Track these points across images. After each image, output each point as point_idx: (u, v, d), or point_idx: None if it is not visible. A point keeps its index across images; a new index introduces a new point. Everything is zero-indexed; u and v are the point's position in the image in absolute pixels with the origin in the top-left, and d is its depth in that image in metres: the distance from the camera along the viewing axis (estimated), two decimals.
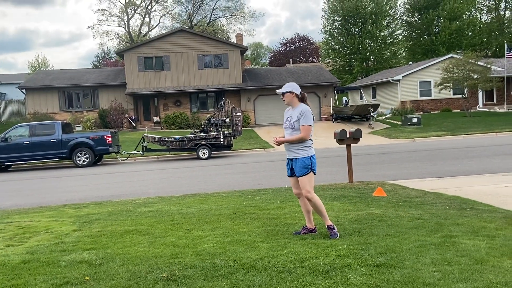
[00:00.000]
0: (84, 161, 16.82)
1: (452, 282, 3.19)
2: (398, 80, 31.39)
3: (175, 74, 29.24)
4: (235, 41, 34.83)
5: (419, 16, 45.70)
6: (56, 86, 28.93)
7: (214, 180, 11.01)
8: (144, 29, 48.82)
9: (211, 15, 47.56)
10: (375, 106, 27.40)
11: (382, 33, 46.32)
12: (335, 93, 31.54)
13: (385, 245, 4.14)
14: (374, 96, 35.77)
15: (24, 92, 29.31)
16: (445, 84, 26.44)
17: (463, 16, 43.70)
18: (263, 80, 30.76)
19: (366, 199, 6.86)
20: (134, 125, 28.81)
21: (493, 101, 32.88)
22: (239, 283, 3.37)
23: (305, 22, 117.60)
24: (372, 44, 46.55)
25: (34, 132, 16.99)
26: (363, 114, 27.33)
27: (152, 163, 17.20)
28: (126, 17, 46.05)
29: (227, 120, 19.11)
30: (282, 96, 4.76)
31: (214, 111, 25.39)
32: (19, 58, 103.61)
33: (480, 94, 31.75)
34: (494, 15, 47.21)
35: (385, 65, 46.07)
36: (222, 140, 17.55)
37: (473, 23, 44.30)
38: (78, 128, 26.94)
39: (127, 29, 46.61)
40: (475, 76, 25.94)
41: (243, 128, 20.56)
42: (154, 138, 17.75)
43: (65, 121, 18.99)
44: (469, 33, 43.93)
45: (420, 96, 31.77)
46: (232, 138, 17.86)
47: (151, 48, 29.25)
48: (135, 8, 46.24)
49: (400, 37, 48.25)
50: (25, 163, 17.79)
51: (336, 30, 48.14)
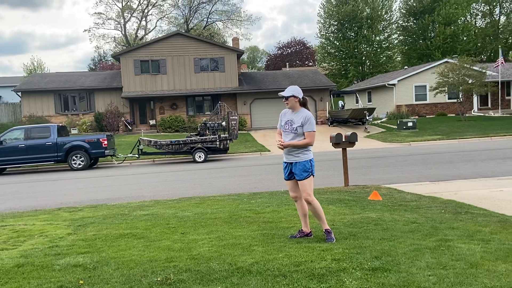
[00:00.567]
0: (79, 164, 16.75)
1: (447, 286, 3.19)
2: (394, 84, 31.54)
3: (171, 77, 29.23)
4: (231, 45, 34.88)
5: (415, 21, 46.00)
6: (52, 89, 28.83)
7: (210, 183, 10.99)
8: (141, 33, 48.83)
9: (207, 19, 47.67)
10: (371, 110, 27.51)
11: (378, 38, 46.59)
12: (331, 97, 31.65)
13: (380, 249, 4.15)
14: (369, 100, 35.91)
15: (20, 95, 29.19)
16: (440, 89, 26.60)
17: (458, 21, 44.02)
18: (259, 84, 30.81)
19: (362, 202, 6.87)
20: (130, 128, 28.74)
21: (488, 105, 33.10)
22: (234, 287, 3.36)
23: (301, 26, 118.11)
24: (368, 49, 46.81)
25: (29, 135, 16.91)
26: (358, 118, 27.43)
27: (148, 166, 17.15)
28: (122, 21, 46.04)
29: (223, 123, 19.12)
30: (285, 100, 4.71)
31: (210, 114, 25.39)
32: (15, 61, 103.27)
33: (475, 99, 31.96)
34: (488, 20, 47.58)
35: (380, 69, 46.31)
36: (218, 143, 17.54)
37: (468, 28, 44.64)
38: (74, 131, 26.84)
39: (123, 32, 46.57)
40: (470, 81, 26.12)
41: (239, 132, 20.58)
42: (150, 141, 17.71)
43: (60, 124, 18.92)
44: (464, 38, 44.24)
45: (415, 100, 31.93)
46: (228, 141, 17.85)
47: (147, 51, 29.24)
48: (132, 11, 46.24)
49: (396, 42, 48.54)
50: (20, 166, 17.69)
51: (332, 35, 48.39)
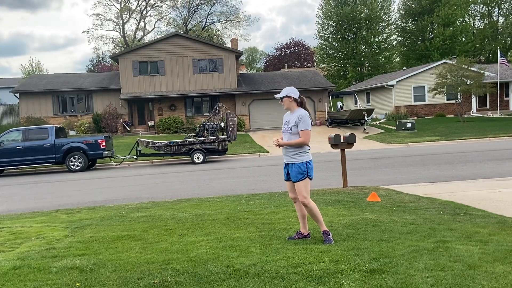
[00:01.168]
0: (77, 165, 16.71)
1: None
2: (392, 85, 31.57)
3: (170, 78, 29.21)
4: (230, 46, 34.88)
5: (413, 22, 46.08)
6: (50, 90, 28.78)
7: (208, 184, 10.97)
8: (139, 34, 48.84)
9: (206, 20, 47.67)
10: (370, 111, 27.51)
11: (377, 39, 46.65)
12: (329, 98, 31.66)
13: (378, 251, 4.13)
14: (368, 101, 35.94)
15: (18, 96, 29.13)
16: (439, 89, 26.62)
17: (457, 22, 44.11)
18: (258, 85, 30.81)
19: (360, 204, 6.86)
20: (129, 129, 28.71)
21: (486, 106, 33.14)
22: None
23: (300, 27, 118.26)
24: (367, 50, 46.87)
25: (27, 136, 16.87)
26: (357, 119, 27.43)
27: (146, 168, 17.12)
28: (121, 22, 46.03)
29: (222, 124, 19.10)
30: (280, 101, 4.76)
31: (209, 115, 25.39)
32: (13, 62, 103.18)
33: (474, 100, 32.00)
34: (487, 21, 47.70)
35: (379, 70, 46.37)
36: (216, 144, 17.51)
37: (466, 29, 44.73)
38: (72, 133, 26.79)
39: (122, 33, 46.58)
40: (468, 82, 26.15)
41: (237, 133, 20.56)
42: (149, 142, 17.68)
43: (58, 126, 18.87)
44: (463, 39, 44.33)
45: (414, 101, 31.95)
46: (227, 142, 17.83)
47: (146, 52, 29.22)
48: (130, 12, 46.24)
49: (394, 43, 48.61)
50: (18, 168, 17.64)
51: (330, 35, 48.44)
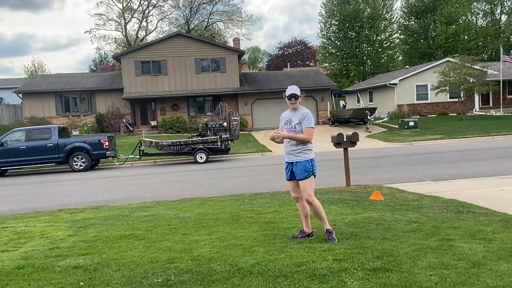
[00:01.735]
0: (80, 165, 16.76)
1: (449, 286, 3.17)
2: (395, 84, 31.48)
3: (172, 78, 29.24)
4: (232, 45, 34.87)
5: (416, 20, 45.94)
6: (53, 90, 28.87)
7: (211, 184, 10.98)
8: (141, 34, 48.88)
9: (208, 19, 47.67)
10: (372, 110, 27.46)
11: (379, 37, 46.52)
12: (332, 97, 31.61)
13: (382, 249, 4.13)
14: (371, 100, 35.86)
15: (21, 96, 29.24)
16: (441, 88, 26.54)
17: (459, 20, 43.94)
18: (260, 84, 30.80)
19: (364, 202, 6.85)
20: (131, 129, 28.76)
21: (489, 104, 33.01)
22: None
23: (302, 26, 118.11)
24: (369, 48, 46.74)
25: (31, 136, 16.92)
26: (360, 118, 27.38)
27: (149, 167, 17.15)
28: (123, 22, 46.06)
29: (225, 124, 19.10)
30: (293, 100, 4.62)
31: (211, 115, 25.39)
32: (16, 62, 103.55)
33: (477, 98, 31.88)
34: (490, 19, 47.50)
35: (382, 69, 46.23)
36: (219, 144, 17.53)
37: (469, 27, 44.56)
38: (75, 133, 26.87)
39: (124, 33, 46.62)
40: (471, 80, 26.05)
41: (240, 132, 20.56)
42: (151, 142, 17.71)
43: (61, 126, 18.93)
44: (465, 37, 44.16)
45: (417, 100, 31.87)
46: (230, 142, 17.84)
47: (148, 52, 29.26)
48: (132, 12, 46.28)
49: (397, 41, 48.46)
50: (21, 168, 17.71)
51: (333, 34, 48.33)
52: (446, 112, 31.05)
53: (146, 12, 46.80)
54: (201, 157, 17.33)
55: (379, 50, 46.92)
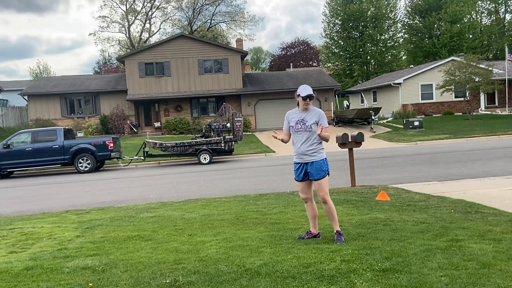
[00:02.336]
0: (86, 167, 16.80)
1: (460, 287, 3.15)
2: (399, 84, 31.38)
3: (175, 79, 29.29)
4: (235, 46, 34.90)
5: (420, 19, 45.79)
6: (57, 92, 28.99)
7: (215, 185, 10.98)
8: (145, 35, 48.99)
9: (211, 21, 47.72)
10: (377, 110, 27.37)
11: (383, 37, 46.40)
12: (336, 97, 31.54)
13: (390, 250, 4.10)
14: (375, 100, 35.76)
15: (26, 98, 29.37)
16: (447, 87, 26.42)
17: (464, 19, 43.77)
18: (263, 85, 30.78)
19: (369, 203, 6.82)
20: (135, 130, 28.83)
21: (495, 103, 32.84)
22: None
23: (305, 26, 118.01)
24: (373, 48, 46.62)
25: (36, 138, 16.99)
26: (364, 118, 27.30)
27: (154, 169, 17.18)
28: (127, 24, 46.22)
29: (228, 125, 19.10)
30: (308, 100, 4.63)
31: (215, 116, 25.41)
32: (21, 65, 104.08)
33: (482, 97, 31.73)
34: (494, 18, 47.28)
35: (386, 69, 46.11)
36: (223, 145, 17.53)
37: (474, 26, 44.36)
38: (80, 134, 26.96)
39: (128, 35, 46.77)
40: (476, 79, 25.92)
41: (244, 133, 20.56)
42: (155, 143, 17.74)
43: (67, 127, 18.99)
44: (470, 36, 43.97)
45: (421, 99, 31.75)
46: (233, 143, 17.83)
47: (151, 53, 29.32)
48: (136, 14, 46.40)
49: (401, 41, 48.31)
50: (27, 170, 17.78)
51: (336, 34, 48.24)
52: (452, 112, 30.90)
53: (149, 14, 46.94)
54: (205, 158, 17.34)
55: (383, 49, 46.80)
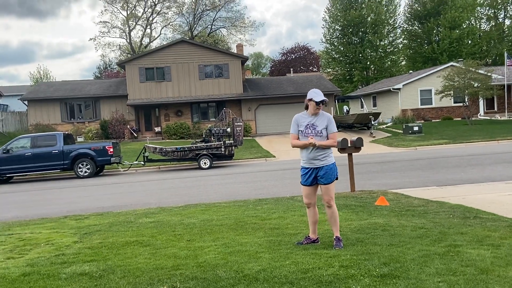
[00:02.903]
0: (85, 172, 16.80)
1: None
2: (399, 89, 31.44)
3: (176, 84, 29.35)
4: (235, 51, 34.99)
5: (419, 25, 45.96)
6: (58, 97, 29.05)
7: (215, 190, 10.97)
8: (146, 40, 49.11)
9: (211, 26, 47.86)
10: (376, 115, 27.39)
11: (382, 42, 46.56)
12: (335, 102, 31.59)
13: (388, 255, 4.10)
14: (375, 105, 35.81)
15: (26, 103, 29.43)
16: (446, 92, 26.47)
17: (463, 25, 43.93)
18: (263, 90, 30.84)
19: (369, 208, 6.82)
20: (136, 135, 28.84)
21: (494, 109, 32.88)
22: None
23: (305, 32, 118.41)
24: (373, 53, 46.76)
25: (36, 143, 17.00)
26: (364, 123, 27.33)
27: (154, 173, 17.17)
28: (127, 29, 46.34)
29: (228, 129, 19.12)
30: (320, 105, 4.64)
31: (215, 121, 25.43)
32: (22, 70, 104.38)
33: (481, 102, 31.77)
34: (493, 23, 47.44)
35: (385, 74, 46.22)
36: (223, 149, 17.53)
37: (473, 32, 44.51)
38: (79, 139, 26.97)
39: (128, 40, 46.89)
40: (476, 84, 25.97)
41: (244, 138, 20.56)
42: (156, 148, 17.74)
43: (66, 132, 19.01)
44: (469, 42, 44.10)
45: (421, 105, 31.79)
46: (233, 147, 17.84)
47: (152, 59, 29.41)
48: (137, 19, 46.55)
49: (400, 46, 48.47)
50: (27, 175, 17.77)
51: (336, 40, 48.42)
52: (451, 117, 30.93)
53: (150, 19, 47.09)
54: (205, 163, 17.34)
55: (383, 55, 46.95)
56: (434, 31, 44.47)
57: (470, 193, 7.84)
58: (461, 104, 28.44)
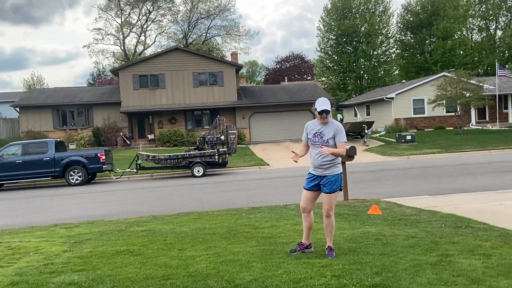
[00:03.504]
0: (77, 179, 16.65)
1: None
2: (392, 98, 31.67)
3: (170, 92, 29.33)
4: (230, 59, 35.09)
5: (412, 36, 46.50)
6: (50, 104, 28.87)
7: (208, 198, 10.91)
8: (140, 48, 49.12)
9: (206, 34, 48.03)
10: (370, 124, 27.53)
11: (376, 52, 47.02)
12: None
13: (380, 265, 4.09)
14: (368, 114, 36.02)
15: (18, 110, 29.19)
16: (438, 102, 26.71)
17: (455, 35, 44.51)
18: (258, 98, 30.90)
19: (362, 217, 6.81)
20: (129, 143, 28.70)
21: (485, 118, 33.20)
22: None
23: (300, 41, 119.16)
24: (366, 63, 47.18)
25: (27, 150, 16.84)
26: (357, 132, 27.45)
27: (146, 181, 17.07)
28: (121, 36, 46.34)
29: (222, 137, 19.09)
30: (324, 115, 4.61)
31: (209, 128, 25.39)
32: (15, 76, 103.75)
33: (473, 112, 32.07)
34: (485, 34, 48.09)
35: (379, 83, 46.60)
36: (217, 157, 17.49)
37: (465, 43, 45.10)
38: (72, 146, 26.77)
39: (122, 47, 46.87)
40: (467, 94, 26.24)
41: (238, 146, 20.53)
42: (149, 156, 17.66)
43: (58, 139, 18.87)
44: (461, 52, 44.66)
45: (413, 114, 32.02)
46: (227, 155, 17.81)
47: (146, 66, 29.40)
48: (131, 27, 46.61)
49: (394, 56, 48.97)
50: (17, 182, 17.58)
51: (330, 49, 48.83)
52: (443, 126, 31.18)
53: (145, 26, 47.15)
54: (198, 171, 17.28)
55: (376, 64, 47.39)
56: (427, 42, 44.99)
57: (462, 203, 7.87)
58: (453, 113, 28.67)
